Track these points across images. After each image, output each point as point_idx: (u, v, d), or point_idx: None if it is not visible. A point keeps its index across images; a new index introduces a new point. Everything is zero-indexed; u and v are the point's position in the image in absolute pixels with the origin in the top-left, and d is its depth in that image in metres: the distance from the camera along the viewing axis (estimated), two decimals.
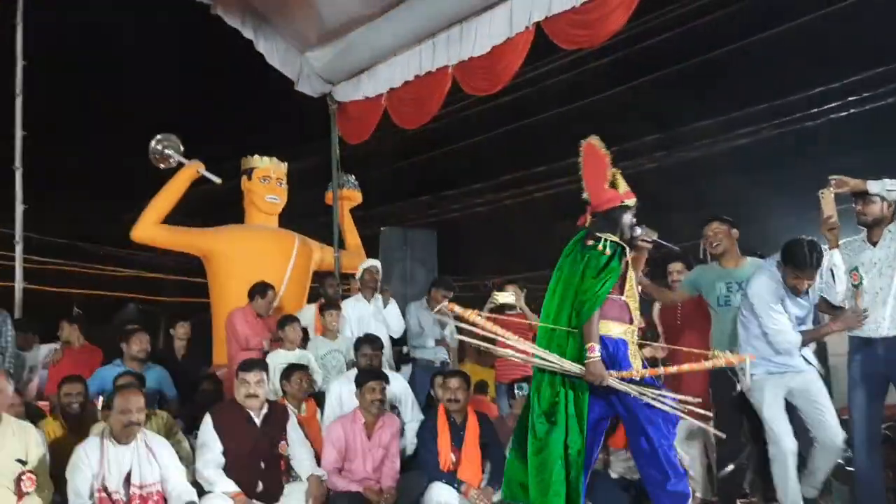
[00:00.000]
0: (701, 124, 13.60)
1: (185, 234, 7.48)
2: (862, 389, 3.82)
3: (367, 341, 5.50)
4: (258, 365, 4.68)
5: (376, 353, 5.43)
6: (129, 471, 3.93)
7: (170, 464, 4.08)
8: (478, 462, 4.93)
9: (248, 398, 4.44)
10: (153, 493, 3.98)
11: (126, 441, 3.96)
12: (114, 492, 3.87)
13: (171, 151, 7.44)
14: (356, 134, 7.93)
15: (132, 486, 3.91)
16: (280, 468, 4.50)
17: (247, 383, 4.46)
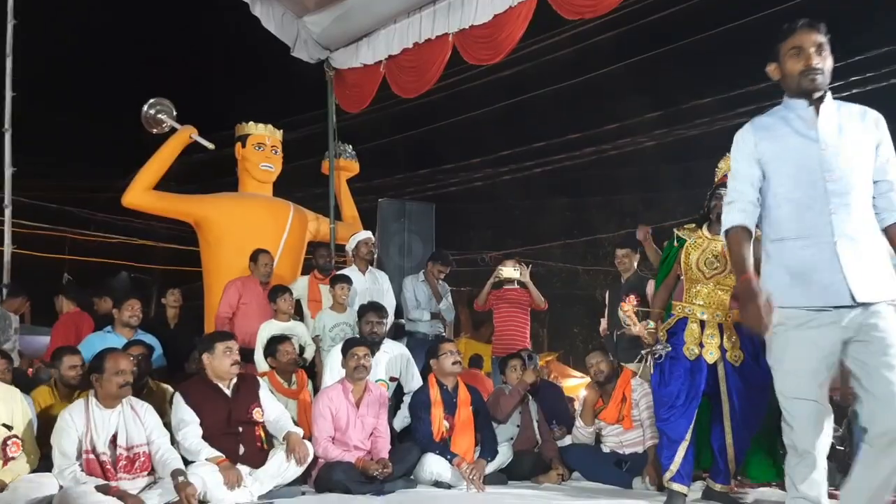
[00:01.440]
0: (701, 102, 13.51)
1: (177, 201, 7.36)
2: None
3: (372, 308, 5.43)
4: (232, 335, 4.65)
5: (381, 320, 5.38)
6: (115, 433, 3.92)
7: (155, 427, 4.08)
8: (471, 430, 4.95)
9: (233, 366, 4.39)
10: (140, 453, 3.98)
11: (112, 405, 3.95)
12: (101, 453, 3.86)
13: (163, 116, 7.30)
14: (354, 102, 7.80)
15: (118, 447, 3.91)
16: (256, 434, 4.44)
17: (231, 351, 4.41)
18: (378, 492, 4.37)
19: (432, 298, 6.53)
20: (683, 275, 4.11)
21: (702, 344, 3.95)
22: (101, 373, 3.92)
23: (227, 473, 4.05)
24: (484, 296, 6.72)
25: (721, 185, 4.03)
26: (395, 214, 7.44)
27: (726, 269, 3.97)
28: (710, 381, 3.96)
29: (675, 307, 4.10)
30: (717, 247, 4.01)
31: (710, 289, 3.99)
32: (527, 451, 5.26)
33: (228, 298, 6.12)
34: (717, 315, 3.98)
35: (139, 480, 3.96)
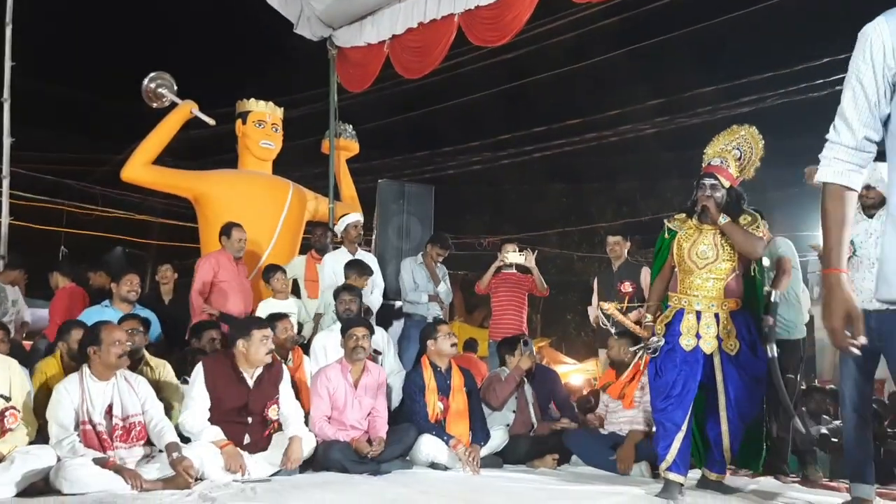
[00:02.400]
0: (703, 91, 13.46)
1: (176, 176, 7.32)
2: (853, 362, 3.77)
3: (346, 289, 5.54)
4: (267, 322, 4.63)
5: (353, 298, 5.44)
6: (111, 403, 3.93)
7: (148, 397, 4.09)
8: (465, 411, 4.97)
9: (268, 355, 4.36)
10: (135, 423, 3.99)
11: (107, 377, 3.96)
12: (98, 423, 3.86)
13: (164, 90, 7.25)
14: (357, 82, 7.75)
15: (114, 417, 3.92)
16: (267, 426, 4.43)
17: (267, 339, 4.36)
18: (374, 472, 4.38)
19: (430, 281, 6.52)
20: (677, 266, 4.10)
21: (698, 335, 3.94)
22: (99, 344, 3.92)
23: (231, 459, 4.04)
24: (487, 280, 6.71)
25: (706, 175, 4.02)
26: (394, 196, 7.41)
27: (718, 258, 3.97)
28: (705, 371, 3.97)
29: (671, 298, 4.10)
30: (707, 237, 4.01)
31: (705, 279, 3.98)
32: (523, 435, 5.27)
33: (202, 275, 6.04)
34: (712, 305, 3.97)
35: (136, 449, 3.97)
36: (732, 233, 3.94)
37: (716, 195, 3.97)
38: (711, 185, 3.98)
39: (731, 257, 3.98)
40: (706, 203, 3.96)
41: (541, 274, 6.70)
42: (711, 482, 4.14)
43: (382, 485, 4.09)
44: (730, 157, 4.08)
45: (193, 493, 3.68)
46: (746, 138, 4.13)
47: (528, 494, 3.94)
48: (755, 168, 4.12)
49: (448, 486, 4.08)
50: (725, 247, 3.98)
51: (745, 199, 4.10)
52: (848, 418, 3.81)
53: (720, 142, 4.16)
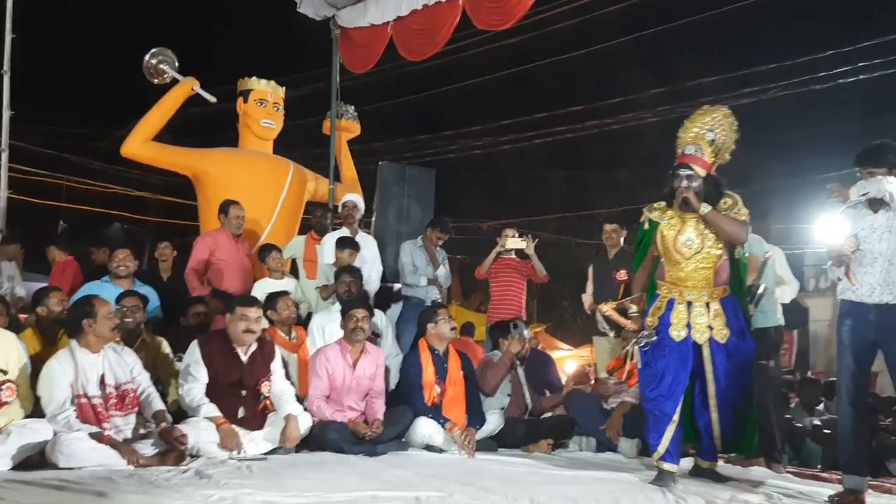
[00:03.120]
0: (705, 81, 13.40)
1: (176, 153, 7.29)
2: (850, 353, 3.80)
3: (347, 270, 5.57)
4: (258, 302, 4.64)
5: (354, 279, 5.47)
6: (103, 374, 3.97)
7: (135, 366, 4.16)
8: (461, 394, 5.00)
9: (245, 333, 4.39)
10: (128, 390, 4.05)
11: (97, 349, 3.99)
12: (93, 396, 3.89)
13: (165, 67, 7.20)
14: (359, 63, 7.70)
15: (108, 386, 3.96)
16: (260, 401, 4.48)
17: (247, 318, 4.41)
18: (370, 453, 4.41)
19: (430, 264, 6.50)
20: (663, 257, 4.06)
21: (689, 325, 3.95)
22: (94, 317, 3.95)
23: (227, 438, 4.09)
24: (487, 265, 6.71)
25: (680, 166, 3.96)
26: (395, 178, 7.37)
27: (705, 247, 3.94)
28: (695, 360, 3.98)
29: (660, 287, 4.08)
30: (691, 226, 3.96)
31: (693, 268, 3.96)
32: (518, 420, 5.30)
33: (198, 253, 6.05)
34: (703, 294, 3.97)
35: (131, 417, 4.03)
36: (715, 221, 3.91)
37: (692, 185, 3.91)
38: (687, 175, 3.92)
39: (717, 244, 3.95)
40: (686, 195, 3.90)
41: (539, 260, 6.70)
42: (704, 470, 4.16)
43: (378, 466, 4.11)
44: (703, 143, 3.99)
45: (190, 469, 3.71)
46: (720, 120, 4.03)
47: (523, 478, 3.97)
48: (730, 152, 4.05)
49: (443, 469, 4.10)
50: (710, 234, 3.94)
51: (722, 184, 4.04)
52: (844, 411, 3.83)
53: (694, 125, 4.06)
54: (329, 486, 3.42)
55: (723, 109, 4.08)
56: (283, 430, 4.30)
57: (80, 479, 3.37)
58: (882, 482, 4.55)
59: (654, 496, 3.62)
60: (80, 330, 3.95)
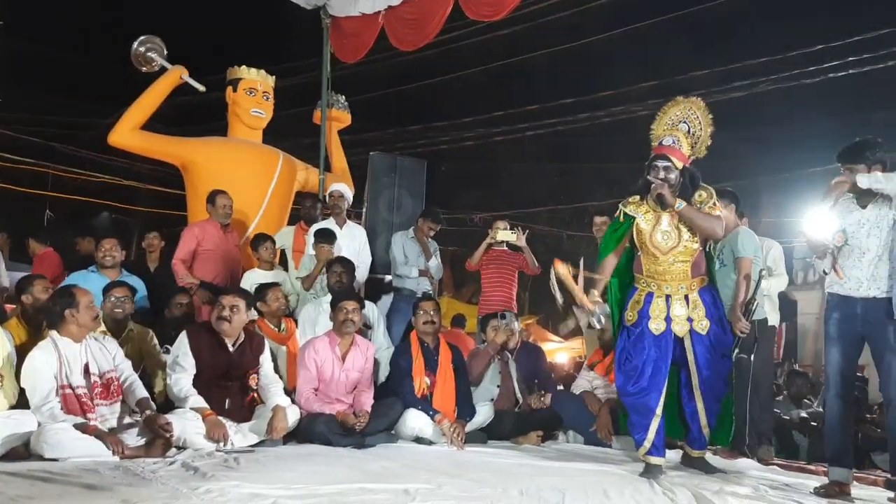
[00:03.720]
0: (697, 74, 13.41)
1: (164, 142, 7.24)
2: (837, 347, 3.83)
3: (339, 261, 5.58)
4: (236, 290, 4.60)
5: (346, 270, 5.48)
6: (87, 363, 3.95)
7: (117, 354, 4.15)
8: (451, 387, 4.98)
9: (218, 321, 4.36)
10: (112, 378, 4.04)
11: (79, 338, 3.97)
12: (77, 386, 3.86)
13: (154, 55, 7.14)
14: (350, 52, 7.66)
15: (92, 375, 3.94)
16: (247, 393, 4.47)
17: (220, 306, 4.40)
18: (359, 445, 4.38)
19: (421, 255, 6.48)
20: (640, 251, 4.04)
21: (668, 318, 3.95)
22: (76, 306, 3.93)
23: (214, 429, 4.06)
24: (478, 257, 6.69)
25: (658, 157, 3.90)
26: (386, 169, 7.34)
27: (682, 241, 3.93)
28: (676, 351, 3.99)
29: (638, 280, 4.07)
30: (666, 220, 3.94)
31: (671, 262, 3.96)
32: (507, 412, 5.30)
33: (186, 244, 6.05)
34: (681, 287, 3.97)
35: (116, 406, 4.02)
36: (691, 217, 3.88)
37: (669, 177, 3.87)
38: (665, 167, 3.87)
39: (694, 238, 3.94)
40: (661, 191, 3.85)
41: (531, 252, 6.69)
42: (694, 459, 4.18)
43: (366, 458, 4.09)
44: (680, 134, 3.93)
45: (176, 461, 3.68)
46: (694, 112, 3.97)
47: (512, 470, 3.96)
48: (706, 146, 3.99)
49: (432, 461, 4.09)
50: (686, 228, 3.92)
51: (698, 177, 3.98)
52: (831, 403, 3.85)
53: (667, 116, 4.01)
54: (317, 478, 3.40)
55: (697, 101, 4.01)
56: (270, 421, 4.28)
57: (65, 470, 3.34)
58: (867, 474, 4.57)
59: (642, 487, 3.62)
60: (62, 319, 3.93)
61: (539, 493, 3.36)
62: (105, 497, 2.94)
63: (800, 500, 3.55)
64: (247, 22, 17.17)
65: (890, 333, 3.64)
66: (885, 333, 3.66)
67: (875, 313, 3.71)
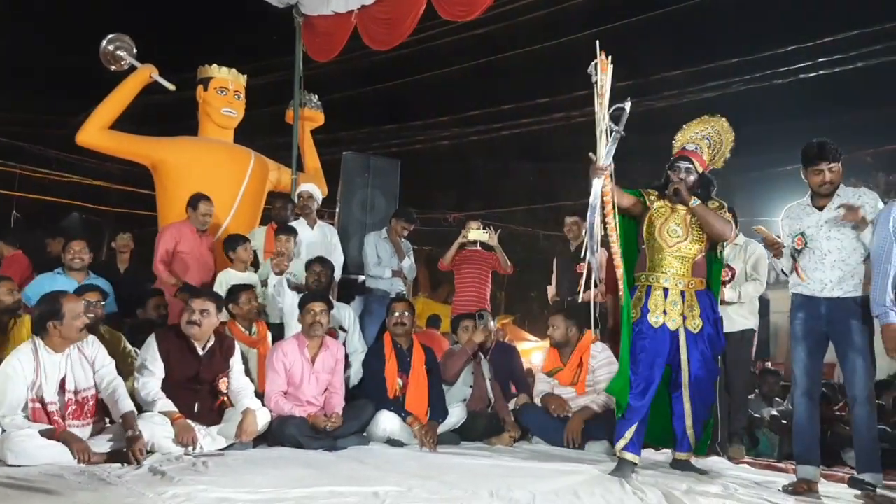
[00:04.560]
0: (671, 74, 13.52)
1: (133, 142, 7.13)
2: (803, 346, 3.89)
3: (318, 261, 5.56)
4: (206, 294, 4.51)
5: (325, 269, 5.47)
6: (64, 378, 3.81)
7: (104, 363, 3.98)
8: (424, 389, 4.96)
9: (188, 325, 4.29)
10: (88, 398, 3.89)
11: (63, 349, 3.83)
12: (50, 402, 3.75)
13: (123, 53, 7.04)
14: (323, 51, 7.61)
15: (67, 392, 3.80)
16: (217, 396, 4.41)
17: (190, 310, 4.32)
18: (330, 447, 4.35)
19: (394, 256, 6.45)
20: (645, 244, 4.19)
21: (665, 311, 4.05)
22: (60, 318, 3.77)
23: (183, 433, 3.99)
24: (450, 256, 6.69)
25: (681, 158, 4.15)
26: (359, 169, 7.30)
27: (688, 238, 4.09)
28: (670, 351, 4.07)
29: (638, 279, 4.17)
30: (678, 217, 4.12)
31: (674, 257, 4.10)
32: (480, 413, 5.28)
33: (165, 244, 5.94)
34: (679, 283, 4.09)
35: (87, 429, 3.87)
36: (703, 214, 4.07)
37: (689, 178, 4.11)
38: (686, 168, 4.12)
39: (700, 238, 4.12)
40: (678, 186, 4.08)
41: (505, 252, 6.69)
42: (681, 462, 4.23)
43: (337, 460, 4.07)
44: (703, 143, 4.21)
45: (143, 466, 3.62)
46: (717, 129, 4.25)
47: (484, 472, 3.95)
48: (724, 159, 4.27)
49: (403, 463, 4.07)
50: (695, 228, 4.11)
51: (714, 185, 4.23)
52: (798, 402, 3.90)
53: (691, 130, 4.28)
54: (286, 482, 3.36)
55: (721, 119, 4.27)
56: (239, 424, 4.22)
57: (28, 476, 3.27)
58: (836, 471, 4.63)
59: (612, 488, 3.62)
60: (45, 331, 3.79)
61: (509, 494, 3.35)
62: (68, 503, 2.89)
63: (768, 499, 3.57)
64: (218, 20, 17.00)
65: (854, 332, 3.70)
66: (849, 333, 3.72)
67: (839, 313, 3.76)
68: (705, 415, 4.23)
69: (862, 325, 3.70)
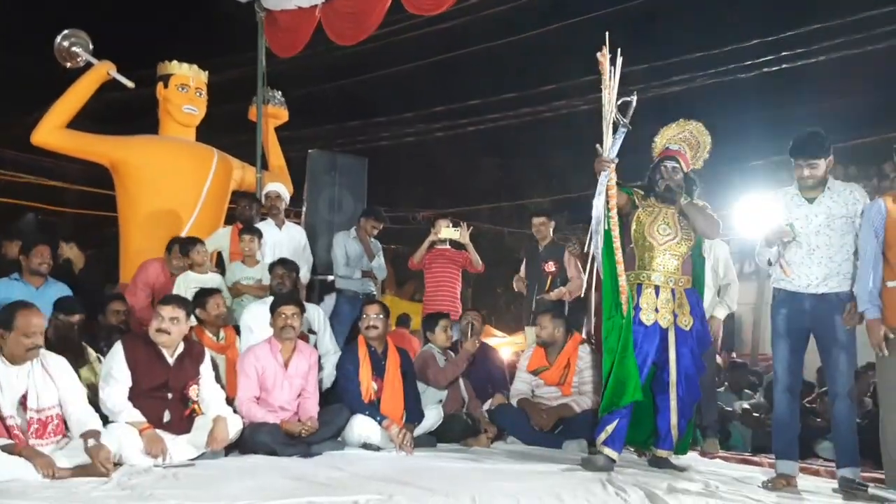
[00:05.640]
0: (634, 69, 13.55)
1: (91, 142, 6.91)
2: (786, 342, 3.90)
3: (281, 263, 5.41)
4: (176, 301, 4.33)
5: (289, 273, 5.32)
6: (25, 393, 3.59)
7: (69, 386, 3.76)
8: (399, 392, 4.88)
9: (157, 333, 4.12)
10: (52, 416, 3.68)
11: (20, 361, 3.61)
12: (8, 416, 3.53)
13: (79, 49, 6.82)
14: (286, 47, 7.45)
15: (29, 409, 3.59)
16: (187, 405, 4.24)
17: (160, 317, 4.15)
18: (305, 454, 4.25)
19: (364, 256, 6.33)
20: (634, 243, 4.22)
21: (656, 309, 4.09)
22: (9, 330, 3.54)
23: (152, 443, 3.83)
24: (420, 255, 6.61)
25: (667, 158, 4.21)
26: (325, 167, 7.16)
27: (678, 237, 4.15)
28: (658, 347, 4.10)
29: (628, 277, 4.16)
30: (667, 216, 4.17)
31: (664, 256, 4.14)
32: (456, 415, 5.22)
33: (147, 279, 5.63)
34: (670, 280, 4.14)
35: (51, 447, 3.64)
36: (693, 212, 4.14)
37: (675, 177, 4.17)
38: (673, 167, 4.19)
39: (689, 237, 4.18)
40: (669, 184, 4.14)
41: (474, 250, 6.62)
42: (660, 459, 4.24)
43: (313, 467, 3.95)
44: (684, 144, 4.29)
45: (111, 480, 3.46)
46: (694, 133, 4.32)
47: (463, 475, 3.90)
48: (703, 161, 4.35)
49: (381, 468, 3.98)
50: (684, 227, 4.17)
51: (697, 185, 4.31)
52: (779, 399, 3.91)
53: (670, 132, 4.34)
54: (262, 493, 3.25)
55: (697, 124, 4.34)
56: (210, 433, 4.07)
57: None
58: (810, 464, 4.67)
59: (594, 489, 3.58)
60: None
61: (492, 499, 3.29)
62: None
63: (749, 495, 3.57)
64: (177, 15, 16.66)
65: (838, 328, 3.72)
66: (832, 329, 3.73)
67: (823, 309, 3.76)
68: (690, 412, 4.25)
69: None
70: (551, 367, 5.17)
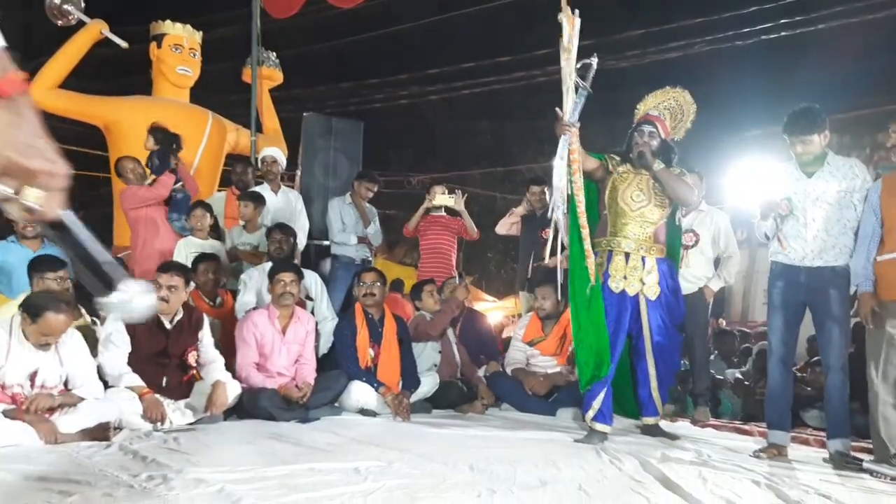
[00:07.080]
0: (632, 34, 13.45)
1: (85, 102, 6.84)
2: (781, 315, 3.93)
3: (278, 228, 5.41)
4: (174, 268, 4.33)
5: (285, 236, 5.33)
6: (36, 371, 3.62)
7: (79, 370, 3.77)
8: (396, 359, 4.93)
9: (157, 301, 4.12)
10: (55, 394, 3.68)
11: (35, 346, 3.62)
12: (15, 384, 3.56)
13: (71, 7, 6.68)
14: (282, 7, 7.34)
15: (36, 386, 3.62)
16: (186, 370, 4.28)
17: (157, 286, 4.15)
18: (303, 419, 4.29)
19: (359, 221, 6.30)
20: (607, 209, 4.17)
21: (625, 276, 4.05)
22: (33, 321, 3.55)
23: (152, 408, 3.88)
24: (415, 221, 6.60)
25: (645, 122, 4.15)
26: (321, 131, 7.08)
27: (651, 203, 4.09)
28: (632, 317, 4.07)
29: (599, 244, 4.15)
30: (641, 182, 4.11)
31: (636, 223, 4.09)
32: (452, 382, 5.27)
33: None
34: (641, 248, 4.09)
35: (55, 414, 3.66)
36: (666, 178, 4.06)
37: (652, 143, 4.09)
38: (650, 132, 4.11)
39: (663, 204, 4.12)
40: (643, 149, 4.06)
41: None
42: (650, 427, 4.28)
43: (312, 433, 3.99)
44: (666, 113, 4.22)
45: (113, 444, 3.50)
46: (679, 101, 4.25)
47: (459, 442, 3.94)
48: (685, 130, 4.29)
49: (380, 434, 4.02)
50: (658, 193, 4.10)
51: (675, 153, 4.23)
52: (773, 370, 3.95)
53: (654, 99, 4.27)
54: (262, 459, 3.28)
55: (682, 92, 4.26)
56: (209, 397, 4.13)
57: None
58: (799, 433, 4.75)
59: (589, 457, 3.63)
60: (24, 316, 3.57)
61: (489, 466, 3.32)
62: (37, 488, 2.77)
63: (742, 464, 3.63)
64: None
65: (833, 302, 3.75)
66: (827, 302, 3.76)
67: (818, 281, 3.80)
68: (671, 380, 4.30)
69: (840, 295, 3.75)
70: (547, 338, 5.22)
